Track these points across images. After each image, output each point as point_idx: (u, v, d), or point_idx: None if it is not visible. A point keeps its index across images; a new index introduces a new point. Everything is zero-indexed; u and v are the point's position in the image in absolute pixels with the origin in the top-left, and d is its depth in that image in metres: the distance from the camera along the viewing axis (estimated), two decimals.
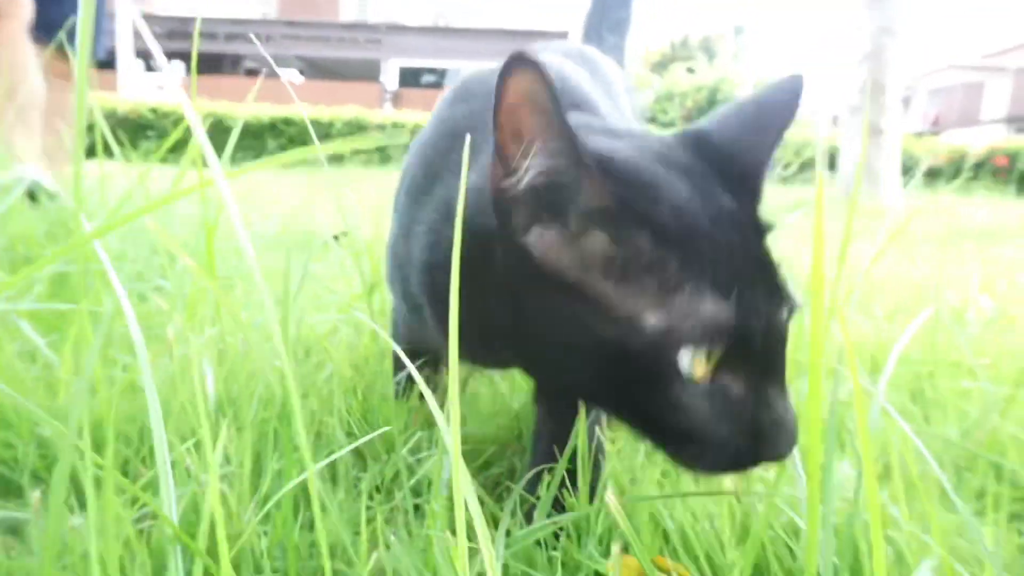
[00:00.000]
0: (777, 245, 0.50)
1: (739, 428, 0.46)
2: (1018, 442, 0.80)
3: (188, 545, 0.44)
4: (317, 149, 0.43)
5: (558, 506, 0.61)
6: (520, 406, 0.88)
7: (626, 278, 0.45)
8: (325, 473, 0.69)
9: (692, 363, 0.44)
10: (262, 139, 10.58)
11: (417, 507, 0.63)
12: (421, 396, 0.81)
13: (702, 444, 0.46)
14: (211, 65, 16.52)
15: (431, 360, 0.80)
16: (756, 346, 0.45)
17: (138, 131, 10.25)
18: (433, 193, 0.63)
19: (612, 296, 0.45)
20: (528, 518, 0.61)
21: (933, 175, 9.95)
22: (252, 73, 18.40)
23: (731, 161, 0.50)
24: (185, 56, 16.35)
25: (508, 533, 0.55)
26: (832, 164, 8.01)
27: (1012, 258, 2.64)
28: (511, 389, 0.96)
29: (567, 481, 0.61)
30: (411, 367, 0.48)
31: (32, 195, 1.47)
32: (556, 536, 0.58)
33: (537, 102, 0.42)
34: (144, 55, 15.87)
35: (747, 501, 0.62)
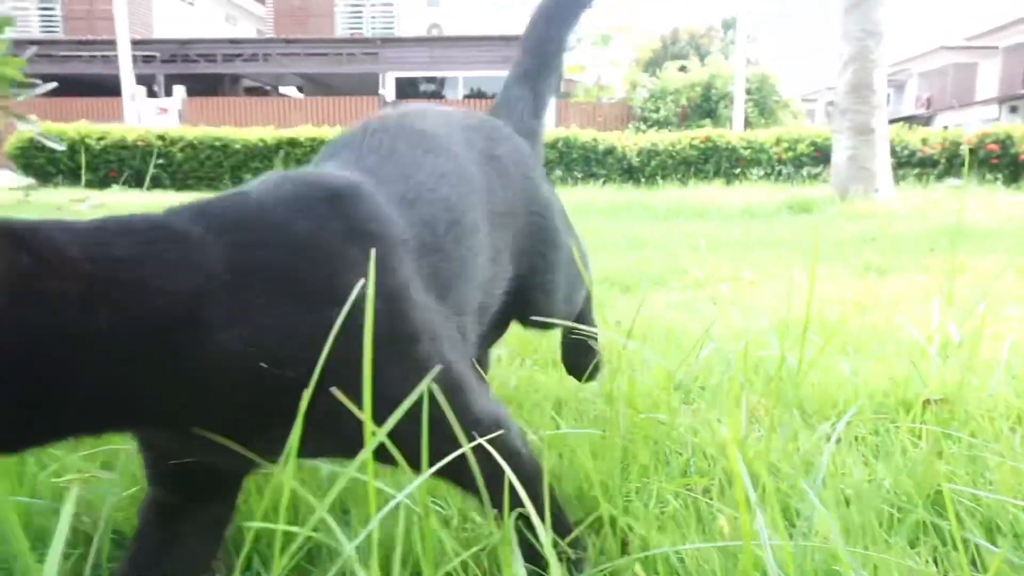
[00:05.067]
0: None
1: None
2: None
3: None
4: None
5: None
6: None
7: None
8: None
9: None
10: (271, 162, 10.76)
11: None
12: None
13: None
14: (210, 86, 16.76)
15: None
16: None
17: (147, 159, 10.48)
18: None
19: None
20: None
21: (926, 164, 10.03)
22: (251, 91, 18.63)
23: None
24: (185, 78, 16.63)
25: None
26: (826, 159, 8.18)
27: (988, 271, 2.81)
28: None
29: None
30: None
31: None
32: None
33: None
34: (146, 80, 16.13)
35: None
